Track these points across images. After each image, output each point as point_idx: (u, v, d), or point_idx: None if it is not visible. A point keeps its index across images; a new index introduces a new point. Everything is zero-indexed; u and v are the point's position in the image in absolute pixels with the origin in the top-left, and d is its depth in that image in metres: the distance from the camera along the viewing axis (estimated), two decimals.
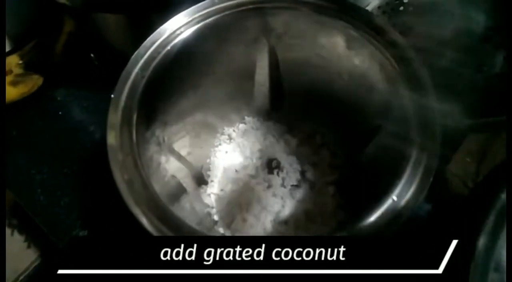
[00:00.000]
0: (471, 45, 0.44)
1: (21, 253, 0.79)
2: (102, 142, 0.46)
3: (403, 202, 0.21)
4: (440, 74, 0.41)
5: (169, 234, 0.22)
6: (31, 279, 0.82)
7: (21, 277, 0.81)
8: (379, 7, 0.44)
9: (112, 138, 0.24)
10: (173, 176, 0.31)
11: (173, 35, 0.28)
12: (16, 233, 0.75)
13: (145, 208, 0.23)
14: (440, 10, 0.43)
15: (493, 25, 0.43)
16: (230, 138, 0.38)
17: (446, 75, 0.42)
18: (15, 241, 0.76)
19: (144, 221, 0.22)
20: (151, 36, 0.28)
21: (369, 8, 0.44)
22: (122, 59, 0.29)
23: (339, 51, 0.30)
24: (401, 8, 0.43)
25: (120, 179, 0.23)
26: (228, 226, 0.33)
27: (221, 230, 0.33)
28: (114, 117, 0.25)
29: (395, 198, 0.21)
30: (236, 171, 0.35)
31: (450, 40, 0.42)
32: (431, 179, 0.21)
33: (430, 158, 0.22)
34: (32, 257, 0.81)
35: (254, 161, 0.35)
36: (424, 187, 0.21)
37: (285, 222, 0.32)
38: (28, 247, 0.79)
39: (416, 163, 0.22)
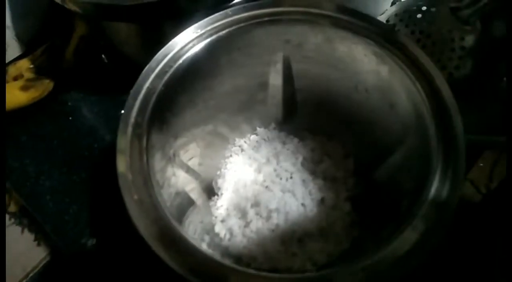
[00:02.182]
0: (493, 54, 0.42)
1: (30, 251, 0.79)
2: (112, 148, 0.46)
3: (429, 224, 0.20)
4: (462, 83, 0.40)
5: (177, 257, 0.21)
6: (40, 276, 0.83)
7: (31, 275, 0.82)
8: (396, 15, 0.43)
9: (121, 161, 0.24)
10: (183, 190, 0.30)
11: (184, 49, 0.27)
12: (26, 231, 0.76)
13: (154, 230, 0.22)
14: None
15: None
16: (241, 149, 0.37)
17: (468, 84, 0.41)
18: (25, 239, 0.76)
19: (153, 244, 0.22)
20: (162, 49, 0.27)
21: (385, 15, 0.43)
22: (132, 65, 0.28)
23: (357, 65, 0.29)
24: (419, 15, 0.41)
25: (129, 200, 0.23)
26: (236, 241, 0.33)
27: (227, 244, 0.32)
28: (124, 137, 0.24)
29: (417, 225, 0.20)
30: (247, 184, 0.35)
31: (472, 48, 0.40)
32: (453, 210, 0.20)
33: (454, 187, 0.21)
34: (42, 255, 0.82)
35: (265, 175, 0.34)
36: (448, 218, 0.20)
37: (298, 240, 0.31)
38: (38, 245, 0.80)
39: (438, 188, 0.21)
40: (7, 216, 0.71)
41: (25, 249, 0.78)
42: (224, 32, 0.28)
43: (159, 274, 0.37)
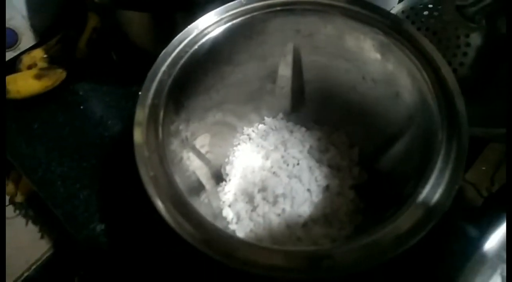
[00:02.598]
0: (498, 51, 0.43)
1: (34, 244, 0.80)
2: (121, 137, 0.47)
3: (429, 208, 0.21)
4: (466, 79, 0.41)
5: (191, 229, 0.22)
6: (42, 269, 0.83)
7: (33, 267, 0.83)
8: (403, 12, 0.43)
9: (138, 134, 0.25)
10: (194, 172, 0.31)
11: (201, 34, 0.28)
12: (30, 224, 0.77)
13: (169, 204, 0.23)
14: None
15: None
16: (249, 138, 0.38)
17: (472, 80, 0.42)
18: (29, 232, 0.77)
19: (167, 216, 0.23)
20: (180, 34, 0.28)
21: (392, 12, 0.44)
22: (144, 56, 0.29)
23: (365, 55, 0.30)
24: (426, 12, 0.42)
25: (145, 175, 0.24)
26: (243, 224, 0.33)
27: (234, 227, 0.33)
28: (142, 114, 0.25)
29: (421, 203, 0.21)
30: (254, 170, 0.36)
31: (477, 46, 0.41)
32: (459, 184, 0.21)
33: (458, 162, 0.22)
34: (44, 248, 0.83)
35: (273, 161, 0.35)
36: (452, 192, 0.21)
37: (303, 225, 0.32)
38: (41, 237, 0.81)
39: (442, 167, 0.22)
40: (12, 208, 0.72)
41: (29, 241, 0.79)
42: (238, 20, 0.29)
43: (165, 258, 0.38)
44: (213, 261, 0.21)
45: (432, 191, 0.22)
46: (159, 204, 0.23)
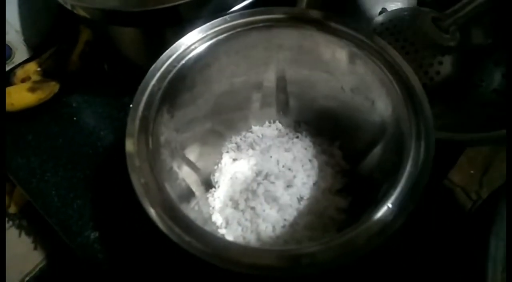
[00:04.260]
0: (472, 61, 0.46)
1: (27, 254, 0.80)
2: (114, 147, 0.48)
3: (396, 209, 0.23)
4: (442, 86, 0.43)
5: (181, 233, 0.24)
6: (36, 280, 0.83)
7: (27, 278, 0.83)
8: (382, 23, 0.46)
9: (130, 145, 0.26)
10: (184, 180, 0.33)
11: (188, 49, 0.30)
12: (23, 234, 0.77)
13: (159, 210, 0.25)
14: None
15: (493, 42, 0.45)
16: (237, 146, 0.40)
17: (448, 87, 0.44)
18: (22, 242, 0.77)
19: (158, 221, 0.24)
20: (168, 50, 0.30)
21: (372, 24, 0.46)
22: (135, 69, 0.31)
23: (342, 67, 0.32)
24: (403, 24, 0.44)
25: (137, 182, 0.25)
26: (232, 229, 0.35)
27: (223, 232, 0.35)
28: (132, 126, 0.27)
29: (390, 205, 0.23)
30: (242, 177, 0.37)
31: (452, 55, 0.43)
32: (423, 189, 0.23)
33: (424, 170, 0.24)
34: (38, 259, 0.83)
35: (260, 166, 0.37)
36: (416, 196, 0.23)
37: (289, 228, 0.34)
38: (35, 248, 0.81)
39: (410, 173, 0.24)
40: (5, 219, 0.72)
41: (23, 252, 0.79)
42: (223, 35, 0.31)
43: (157, 263, 0.39)
44: (199, 261, 0.22)
45: (401, 193, 0.24)
46: (150, 210, 0.24)
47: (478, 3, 0.41)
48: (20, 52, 0.52)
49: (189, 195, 0.34)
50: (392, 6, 0.50)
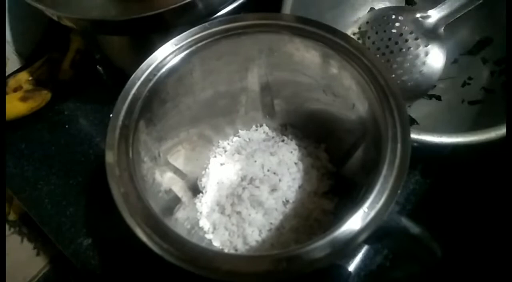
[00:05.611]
0: (460, 58, 0.46)
1: (30, 260, 0.81)
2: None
3: (372, 213, 0.23)
4: (428, 86, 0.43)
5: (159, 241, 0.24)
6: None
7: None
8: (367, 22, 0.46)
9: (110, 155, 0.27)
10: (169, 189, 0.33)
11: (168, 57, 0.30)
12: (25, 241, 0.78)
13: (138, 219, 0.25)
14: None
15: (481, 39, 0.45)
16: (225, 150, 0.40)
17: (434, 87, 0.44)
18: (24, 249, 0.78)
19: (138, 230, 0.24)
20: (146, 60, 0.30)
21: (358, 22, 0.46)
22: (125, 76, 0.31)
23: (321, 70, 0.32)
24: (388, 23, 0.45)
25: (116, 192, 0.25)
26: (219, 233, 0.35)
27: (211, 237, 0.35)
28: (112, 135, 0.27)
29: (366, 209, 0.23)
30: (229, 182, 0.37)
31: (436, 54, 0.43)
32: (398, 194, 0.23)
33: (399, 172, 0.24)
34: (41, 265, 0.83)
35: (246, 171, 0.37)
36: (391, 201, 0.23)
37: (276, 231, 0.34)
38: (37, 254, 0.82)
39: (386, 177, 0.24)
40: (7, 226, 0.73)
41: (25, 258, 0.80)
42: (202, 43, 0.31)
43: (149, 269, 0.40)
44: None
45: (378, 196, 0.24)
46: (129, 218, 0.25)
47: (464, 1, 0.41)
48: (11, 62, 0.52)
49: (174, 201, 0.34)
50: (380, 6, 0.50)
